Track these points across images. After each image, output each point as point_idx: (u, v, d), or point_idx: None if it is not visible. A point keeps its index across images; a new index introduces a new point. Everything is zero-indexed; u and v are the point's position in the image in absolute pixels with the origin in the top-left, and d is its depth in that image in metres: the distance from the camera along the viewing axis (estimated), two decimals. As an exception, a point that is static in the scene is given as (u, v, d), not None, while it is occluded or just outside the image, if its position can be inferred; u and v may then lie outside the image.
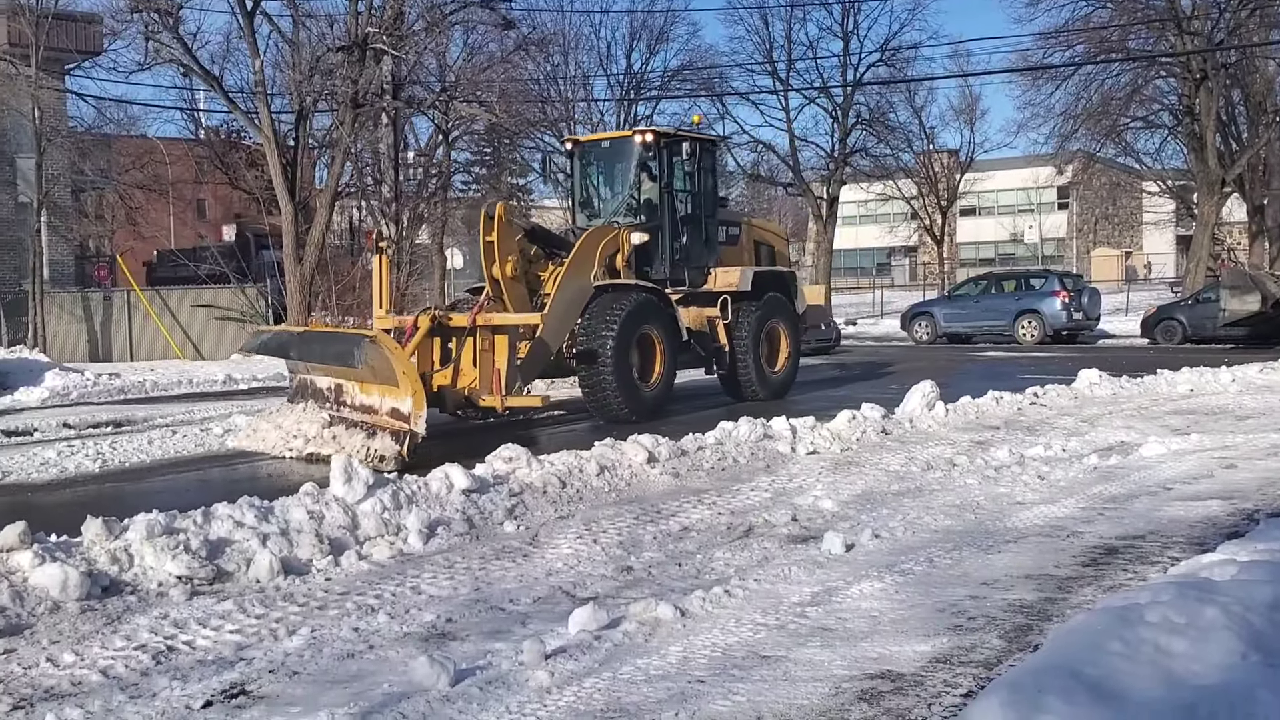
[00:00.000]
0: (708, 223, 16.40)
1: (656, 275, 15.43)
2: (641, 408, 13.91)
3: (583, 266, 14.28)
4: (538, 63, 36.56)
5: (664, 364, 14.56)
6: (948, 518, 8.00)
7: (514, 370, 12.77)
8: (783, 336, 16.87)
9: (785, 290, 17.10)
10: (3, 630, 5.56)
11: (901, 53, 41.21)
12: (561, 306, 13.72)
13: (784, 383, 16.87)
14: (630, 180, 16.11)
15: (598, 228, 15.26)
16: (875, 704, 4.49)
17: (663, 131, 16.04)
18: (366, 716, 4.45)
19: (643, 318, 14.20)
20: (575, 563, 6.96)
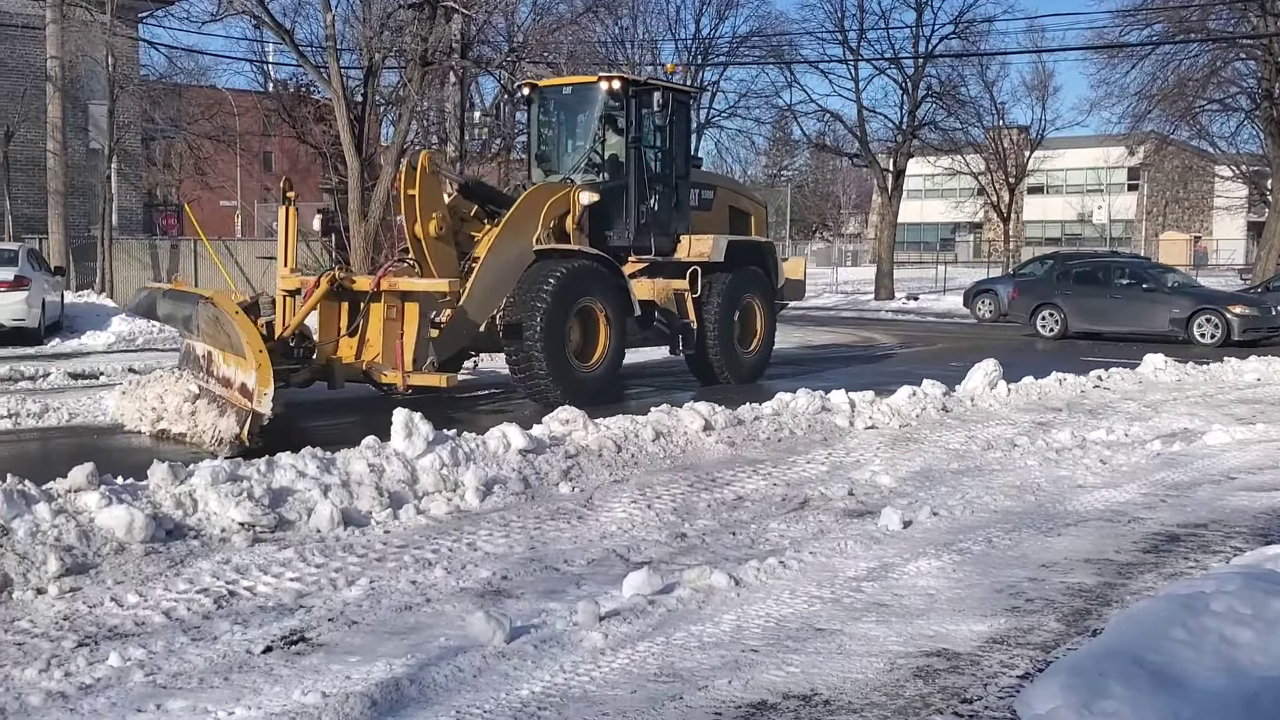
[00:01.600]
0: (679, 184, 14.58)
1: (617, 241, 13.81)
2: (577, 390, 12.04)
3: (521, 228, 12.71)
4: (606, 25, 36.36)
5: (609, 342, 12.85)
6: (1007, 498, 7.93)
7: (424, 343, 11.20)
8: (758, 314, 15.23)
9: (763, 263, 15.45)
10: (70, 569, 5.68)
11: (975, 26, 40.47)
12: (491, 272, 12.34)
13: (757, 365, 15.28)
14: (592, 132, 14.25)
15: (543, 184, 13.74)
16: (930, 682, 4.47)
17: (631, 79, 14.33)
18: (424, 669, 4.50)
19: (582, 288, 12.58)
20: (629, 527, 6.99)
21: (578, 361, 12.60)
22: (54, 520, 5.98)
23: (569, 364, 12.43)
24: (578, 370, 12.55)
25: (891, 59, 40.02)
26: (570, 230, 13.20)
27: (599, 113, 14.10)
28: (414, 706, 4.17)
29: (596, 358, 12.83)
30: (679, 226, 14.51)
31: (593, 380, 12.65)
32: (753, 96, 43.14)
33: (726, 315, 14.43)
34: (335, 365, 11.13)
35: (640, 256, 13.94)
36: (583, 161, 14.17)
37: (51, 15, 25.55)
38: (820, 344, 22.15)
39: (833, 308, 36.73)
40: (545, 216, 12.91)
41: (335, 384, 11.31)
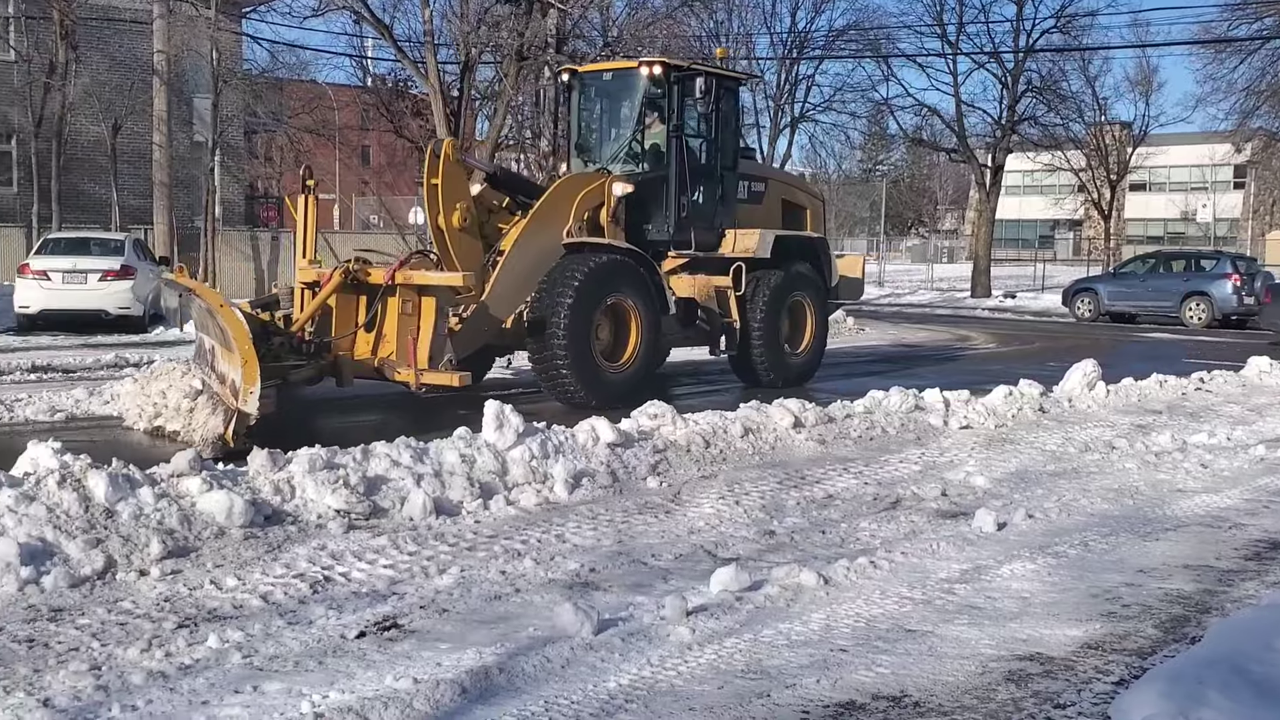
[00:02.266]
0: (725, 176, 13.82)
1: (656, 235, 13.13)
2: (604, 392, 11.51)
3: (550, 220, 12.12)
4: (701, 19, 36.30)
5: (640, 341, 12.18)
6: (1105, 502, 7.78)
7: (440, 340, 10.58)
8: (809, 314, 14.30)
9: (814, 259, 14.60)
10: (171, 552, 5.83)
11: (1077, 20, 39.73)
12: (516, 267, 11.72)
13: (807, 367, 14.34)
14: (633, 120, 13.54)
15: (575, 175, 13.29)
16: (1023, 686, 4.40)
17: (673, 63, 13.49)
18: (512, 658, 4.55)
19: (611, 284, 11.94)
20: (717, 522, 6.98)
21: (605, 361, 11.99)
22: (157, 504, 6.14)
23: (595, 364, 11.80)
24: (605, 370, 11.94)
25: (991, 53, 39.43)
26: (604, 223, 12.56)
27: (640, 99, 13.40)
28: (503, 695, 4.22)
29: (626, 358, 12.18)
30: (724, 220, 13.81)
31: (622, 381, 11.97)
32: (848, 90, 42.83)
33: (773, 314, 13.62)
34: (343, 362, 10.57)
35: (680, 252, 13.27)
36: (622, 151, 13.53)
37: (159, 10, 26.20)
38: (914, 342, 21.90)
39: (927, 305, 36.33)
40: (577, 208, 12.31)
41: (343, 381, 10.66)
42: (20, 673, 4.36)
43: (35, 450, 6.42)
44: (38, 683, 4.27)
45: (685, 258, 13.24)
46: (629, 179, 12.85)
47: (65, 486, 5.97)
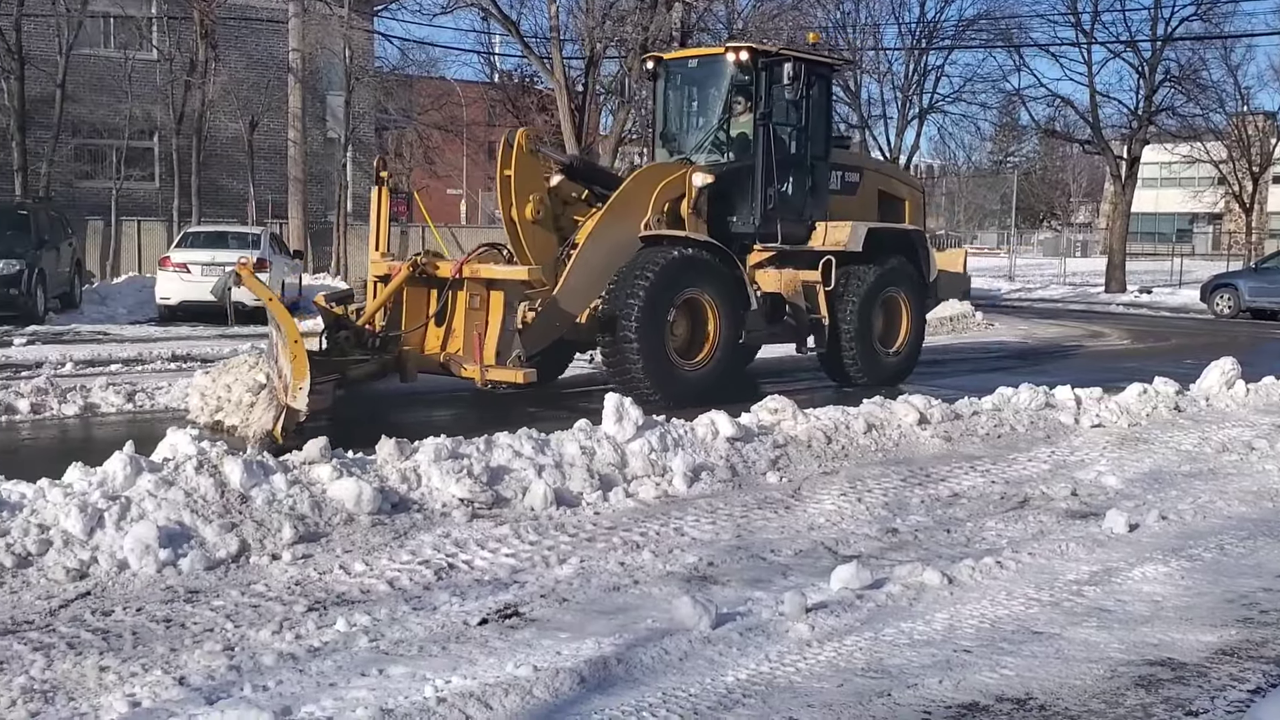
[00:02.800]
0: (815, 166, 13.23)
1: (741, 228, 12.66)
2: (678, 391, 11.14)
3: (627, 212, 11.69)
4: (828, 9, 35.92)
5: (719, 338, 11.72)
6: (1242, 504, 7.51)
7: (509, 335, 10.18)
8: (904, 309, 13.63)
9: (911, 253, 13.88)
10: (302, 536, 5.99)
11: (1219, 7, 38.38)
12: (590, 260, 11.33)
13: (902, 367, 13.66)
14: (719, 109, 13.00)
15: (655, 165, 12.94)
16: (1153, 691, 4.28)
17: (761, 49, 12.88)
18: (631, 649, 4.57)
19: (687, 279, 11.49)
20: (838, 519, 6.91)
21: (680, 359, 11.53)
22: (289, 490, 6.31)
23: (669, 361, 11.36)
24: (680, 368, 11.48)
25: (1128, 42, 38.30)
26: (685, 215, 12.11)
27: (726, 86, 12.85)
28: (621, 685, 4.24)
29: (703, 355, 11.73)
30: (814, 213, 13.18)
31: (698, 379, 11.54)
32: (978, 81, 41.97)
33: (865, 311, 12.99)
34: (408, 356, 10.25)
35: (767, 245, 12.75)
36: (707, 140, 13.03)
37: (294, 10, 26.95)
38: (1045, 338, 21.39)
39: (1060, 300, 35.45)
40: (656, 200, 11.89)
41: (407, 377, 10.34)
42: (158, 651, 4.53)
43: (174, 437, 6.66)
44: (174, 661, 4.43)
45: (772, 251, 12.77)
46: (712, 169, 12.40)
47: (202, 472, 6.17)
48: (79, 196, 28.34)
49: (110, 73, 28.41)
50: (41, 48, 26.54)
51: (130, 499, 5.88)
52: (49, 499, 5.80)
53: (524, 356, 10.30)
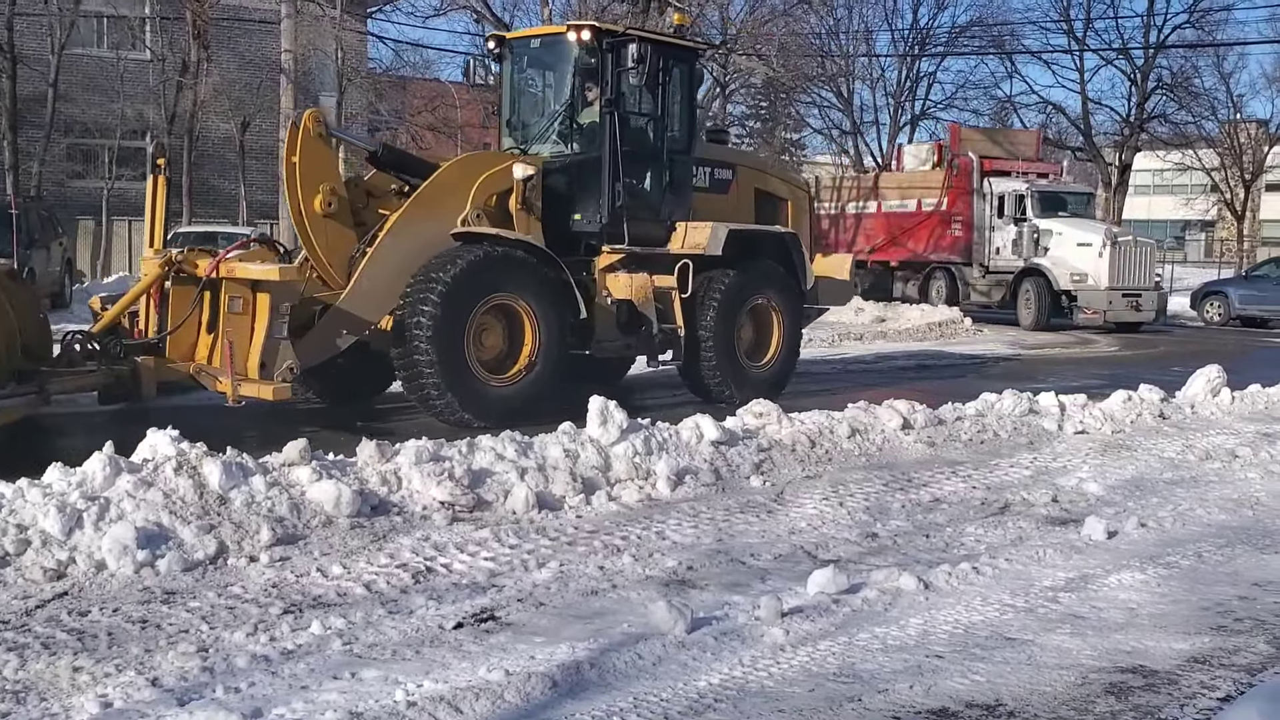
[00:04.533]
0: (675, 160, 11.98)
1: (585, 227, 11.46)
2: (485, 408, 9.94)
3: (437, 206, 10.45)
4: (820, 16, 36.00)
5: (535, 349, 10.48)
6: (1223, 512, 7.53)
7: (274, 343, 8.98)
8: (775, 319, 12.49)
9: (784, 257, 12.65)
10: (280, 539, 5.99)
11: (1211, 14, 38.54)
12: (388, 260, 10.04)
13: (772, 382, 12.28)
14: (564, 95, 11.77)
15: (477, 154, 12.09)
16: (1123, 699, 4.29)
17: (607, 28, 11.61)
18: (604, 653, 4.58)
19: (496, 282, 10.23)
20: (819, 524, 6.93)
21: (489, 373, 10.30)
22: (268, 492, 6.31)
23: (471, 374, 10.09)
24: (487, 383, 10.24)
25: (1120, 49, 38.48)
26: (514, 211, 10.84)
27: (571, 70, 11.62)
28: (593, 690, 4.25)
29: (517, 368, 10.48)
30: (675, 212, 11.94)
31: (511, 395, 10.34)
32: (970, 88, 42.10)
33: (727, 320, 11.82)
34: (144, 368, 8.92)
35: (615, 247, 11.42)
36: (551, 129, 11.83)
37: (286, 10, 26.86)
38: (1033, 344, 21.44)
39: (1049, 306, 35.45)
40: (478, 193, 10.62)
41: (140, 393, 9.01)
42: (132, 652, 4.53)
43: (154, 437, 6.64)
44: (148, 662, 4.43)
45: (621, 253, 11.44)
46: (540, 161, 11.30)
47: (182, 473, 6.17)
48: (70, 196, 28.31)
49: (102, 72, 28.41)
50: (34, 47, 26.53)
51: (109, 499, 5.87)
52: (28, 499, 5.79)
53: (298, 368, 9.18)
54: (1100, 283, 23.64)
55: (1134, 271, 24.04)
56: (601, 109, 11.39)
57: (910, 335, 22.30)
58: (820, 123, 43.60)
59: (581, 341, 11.11)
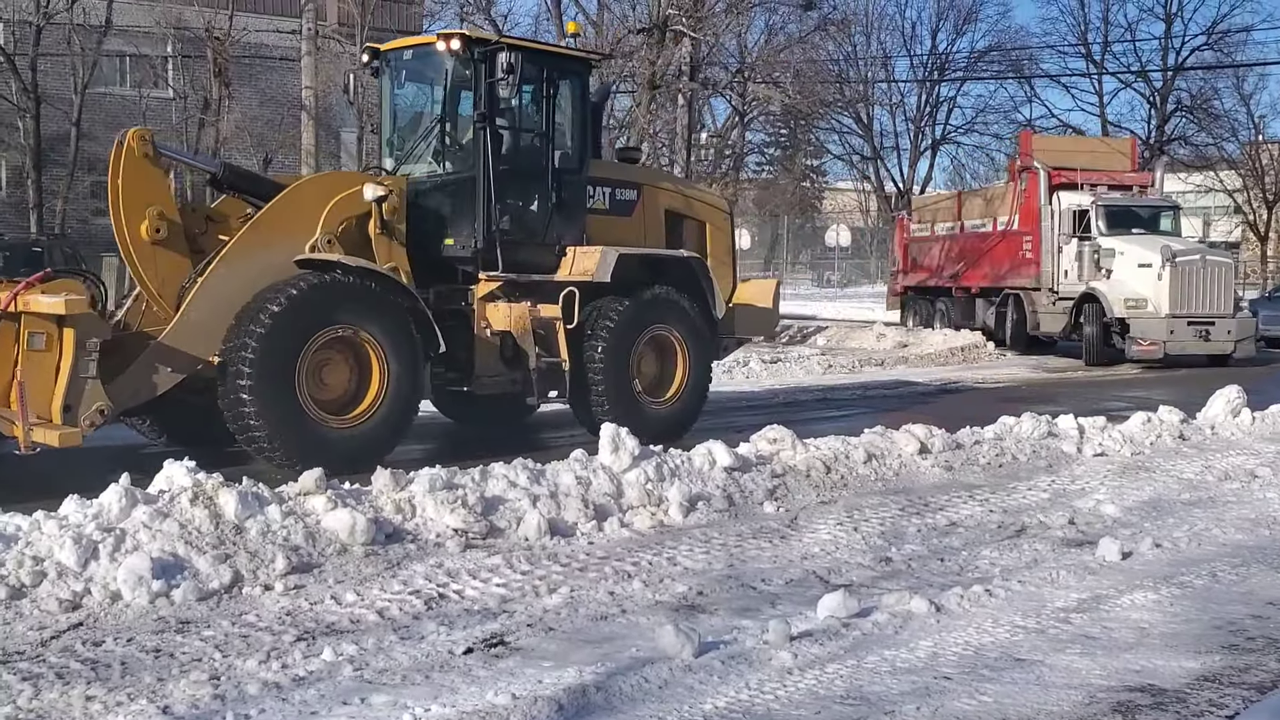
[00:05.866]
0: (565, 180, 11.06)
1: (459, 253, 10.60)
2: (321, 454, 8.30)
3: (280, 231, 9.52)
4: (838, 43, 36.22)
5: (385, 388, 9.49)
6: (1239, 532, 7.49)
7: (80, 384, 8.21)
8: (679, 353, 11.42)
9: (690, 283, 11.64)
10: (295, 567, 6.04)
11: (1230, 36, 38.59)
12: (219, 290, 9.09)
13: (676, 420, 11.29)
14: (436, 110, 11.02)
15: (327, 174, 11.13)
16: (1130, 717, 4.28)
17: (479, 37, 10.78)
18: (611, 677, 4.60)
19: (334, 314, 9.27)
20: (833, 549, 6.92)
21: (327, 413, 9.28)
22: (283, 521, 6.36)
23: (305, 417, 9.09)
24: (324, 425, 9.22)
25: (1138, 72, 38.48)
26: (374, 236, 9.98)
27: (446, 83, 10.85)
28: (598, 713, 4.27)
29: (364, 408, 9.49)
30: (564, 235, 11.06)
31: (354, 439, 9.24)
32: (990, 112, 42.18)
33: (619, 353, 10.82)
34: None
35: (492, 274, 10.53)
36: (426, 147, 11.08)
37: (306, 48, 27.26)
38: (1055, 366, 21.35)
39: (1072, 329, 35.28)
40: (329, 217, 9.70)
41: None
42: (145, 681, 4.58)
43: (170, 469, 6.72)
44: (160, 690, 4.48)
45: (499, 280, 10.57)
46: (427, 180, 10.70)
47: (197, 504, 6.23)
48: (94, 233, 28.62)
49: (125, 111, 28.77)
50: (57, 86, 26.93)
51: (125, 531, 5.94)
52: (44, 531, 5.86)
53: (110, 411, 8.42)
54: (1160, 309, 20.45)
55: (1203, 295, 20.57)
56: (475, 124, 10.54)
57: (932, 360, 22.26)
58: (840, 149, 43.68)
59: (460, 377, 10.44)
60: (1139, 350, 20.43)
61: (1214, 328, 20.54)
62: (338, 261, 9.57)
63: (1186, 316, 20.42)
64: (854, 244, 58.81)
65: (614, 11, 26.76)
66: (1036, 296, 22.65)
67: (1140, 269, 20.75)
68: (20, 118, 25.87)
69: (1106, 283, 21.01)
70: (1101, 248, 21.19)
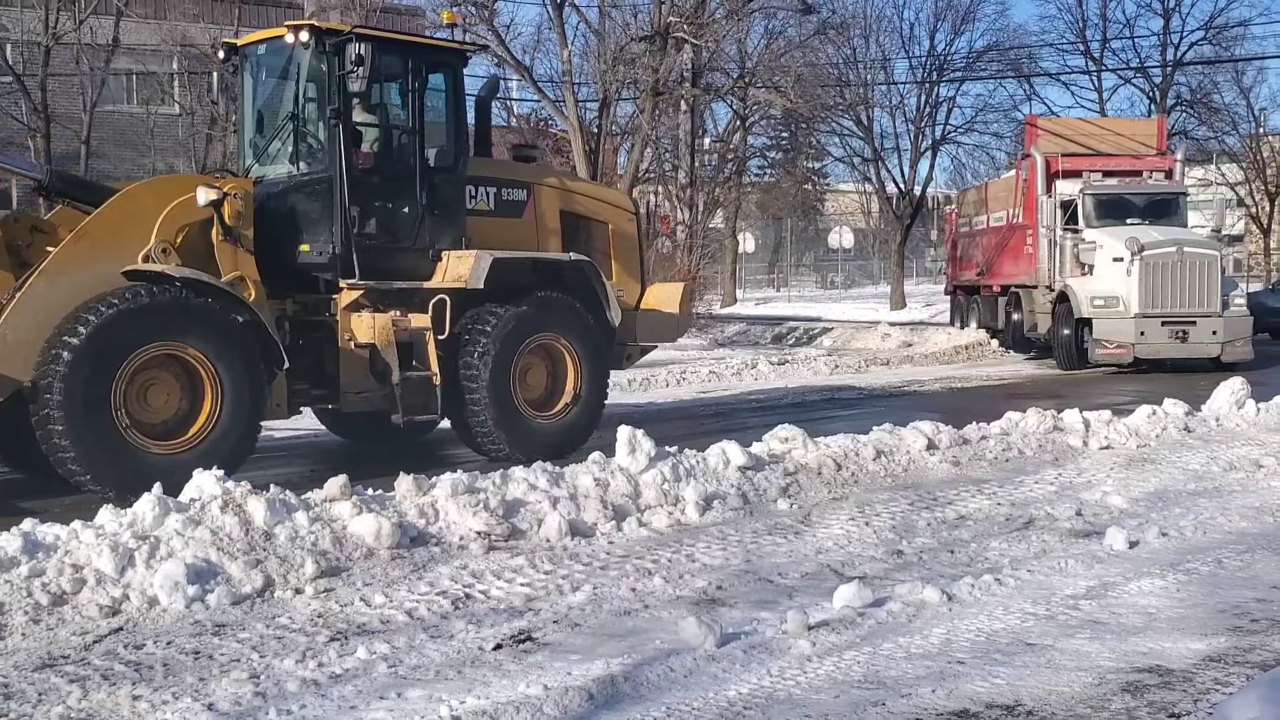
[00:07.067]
0: (439, 179, 10.36)
1: (315, 259, 9.85)
2: (140, 480, 7.49)
3: (112, 241, 8.84)
4: (837, 46, 36.33)
5: (219, 410, 8.83)
6: (1244, 520, 7.65)
7: None
8: (570, 363, 10.77)
9: (583, 288, 10.98)
10: (324, 571, 6.22)
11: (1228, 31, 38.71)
12: (37, 306, 8.48)
13: (566, 435, 10.62)
14: (288, 106, 10.31)
15: (160, 179, 10.81)
16: (1138, 696, 4.45)
17: (330, 27, 10.07)
18: (638, 668, 4.78)
19: (149, 332, 8.58)
20: (845, 543, 7.09)
21: (150, 439, 8.64)
22: (311, 527, 6.54)
23: (123, 441, 8.48)
24: (145, 450, 8.56)
25: (1137, 68, 38.58)
26: (217, 244, 9.22)
27: (301, 77, 10.18)
28: (627, 701, 4.45)
29: (193, 432, 8.82)
30: (439, 238, 10.33)
31: (183, 465, 8.09)
32: (990, 111, 42.28)
33: (498, 364, 10.13)
34: None
35: (355, 282, 9.81)
36: (283, 147, 10.35)
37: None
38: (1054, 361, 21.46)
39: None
40: (164, 224, 8.97)
41: None
42: (187, 680, 4.76)
43: (200, 478, 6.91)
44: (203, 690, 4.66)
45: (360, 289, 9.85)
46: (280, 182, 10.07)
47: (227, 511, 6.41)
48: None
49: (133, 128, 29.05)
50: (66, 105, 27.15)
51: (159, 538, 6.12)
52: (82, 540, 6.04)
53: None
54: (1129, 307, 18.66)
55: (1180, 292, 18.55)
56: (329, 120, 9.87)
57: (937, 359, 22.45)
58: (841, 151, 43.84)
59: (327, 394, 9.92)
60: (1103, 354, 18.79)
61: (1194, 328, 18.58)
62: (162, 273, 8.86)
63: (1160, 315, 18.56)
64: (857, 245, 59.03)
65: (616, 20, 26.93)
66: (1035, 294, 21.01)
67: (1114, 263, 18.97)
68: (31, 137, 26.11)
69: (1079, 279, 19.45)
70: (1083, 241, 19.57)
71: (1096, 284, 19.09)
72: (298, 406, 9.99)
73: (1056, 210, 20.14)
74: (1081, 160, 21.04)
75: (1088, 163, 20.99)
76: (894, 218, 39.97)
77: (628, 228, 12.35)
